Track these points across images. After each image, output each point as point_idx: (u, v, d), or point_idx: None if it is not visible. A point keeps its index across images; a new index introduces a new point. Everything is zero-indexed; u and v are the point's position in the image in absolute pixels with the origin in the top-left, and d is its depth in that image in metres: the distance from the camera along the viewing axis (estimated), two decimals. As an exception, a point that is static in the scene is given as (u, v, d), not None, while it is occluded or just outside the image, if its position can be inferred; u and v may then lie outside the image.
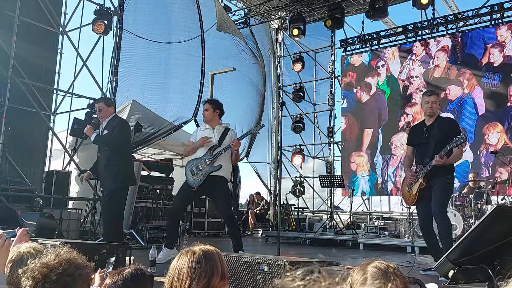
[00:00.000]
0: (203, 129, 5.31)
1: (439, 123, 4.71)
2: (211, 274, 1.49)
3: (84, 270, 1.47)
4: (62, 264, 1.41)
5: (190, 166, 5.17)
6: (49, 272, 1.39)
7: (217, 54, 11.24)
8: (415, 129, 5.08)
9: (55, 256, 1.43)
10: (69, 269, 1.42)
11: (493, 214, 2.05)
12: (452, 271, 2.13)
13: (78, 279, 1.43)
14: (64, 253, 1.47)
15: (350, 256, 6.81)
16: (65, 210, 7.72)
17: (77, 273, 1.43)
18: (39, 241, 3.10)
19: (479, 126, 9.81)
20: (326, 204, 12.92)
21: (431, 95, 4.84)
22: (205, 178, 5.05)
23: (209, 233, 10.23)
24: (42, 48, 8.94)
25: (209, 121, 5.30)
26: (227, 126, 5.34)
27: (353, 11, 12.26)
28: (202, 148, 5.15)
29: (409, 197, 4.82)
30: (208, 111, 5.27)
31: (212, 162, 5.04)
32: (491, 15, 10.05)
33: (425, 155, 4.61)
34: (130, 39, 9.28)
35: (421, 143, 4.76)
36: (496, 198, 8.05)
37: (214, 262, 1.52)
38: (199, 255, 1.51)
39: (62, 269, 1.41)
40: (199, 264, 1.48)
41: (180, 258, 1.53)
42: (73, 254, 1.49)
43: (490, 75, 9.83)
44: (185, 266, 1.49)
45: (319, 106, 13.82)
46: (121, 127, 5.30)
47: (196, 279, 1.45)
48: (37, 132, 8.97)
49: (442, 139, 4.49)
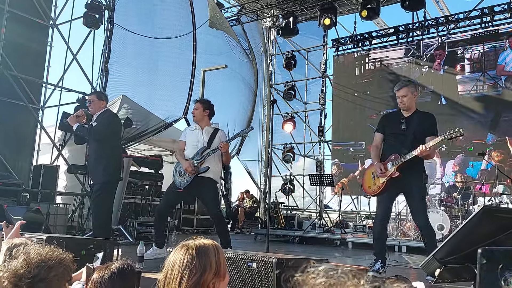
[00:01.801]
0: (193, 129, 5.27)
1: (419, 117, 4.49)
2: (202, 270, 1.47)
3: (59, 268, 1.38)
4: (31, 270, 1.31)
5: (179, 167, 5.16)
6: (18, 281, 1.29)
7: (208, 51, 11.21)
8: (389, 118, 4.78)
9: (23, 261, 1.32)
10: (40, 273, 1.32)
11: (480, 214, 2.07)
12: (439, 270, 2.14)
13: (52, 280, 1.35)
14: (34, 254, 1.35)
15: (338, 254, 6.84)
16: (52, 204, 7.65)
17: (51, 275, 1.34)
18: (25, 235, 3.07)
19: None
20: (316, 202, 12.96)
21: (400, 89, 4.51)
22: (192, 179, 5.02)
23: (198, 230, 10.19)
24: (31, 40, 8.84)
25: (199, 121, 5.24)
26: (217, 127, 5.30)
27: (345, 11, 12.30)
28: (191, 149, 5.12)
29: (373, 186, 4.50)
30: (198, 110, 5.22)
31: (200, 164, 5.01)
32: (481, 18, 10.15)
33: (402, 146, 4.37)
34: (121, 34, 9.21)
35: (396, 133, 4.49)
36: (483, 199, 8.14)
37: (207, 258, 1.51)
38: (192, 252, 1.50)
39: (32, 276, 1.30)
40: (191, 260, 1.47)
41: (175, 254, 1.52)
42: (44, 252, 1.38)
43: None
44: (177, 262, 1.48)
45: (310, 105, 13.85)
46: (108, 120, 5.28)
47: (186, 276, 1.45)
48: (25, 126, 8.87)
49: (421, 133, 4.34)
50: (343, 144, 11.85)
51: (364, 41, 11.95)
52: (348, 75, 12.07)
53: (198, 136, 5.16)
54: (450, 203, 7.76)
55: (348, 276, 0.64)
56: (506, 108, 9.51)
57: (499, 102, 9.63)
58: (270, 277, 2.38)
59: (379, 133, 4.66)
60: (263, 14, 12.82)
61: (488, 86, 9.87)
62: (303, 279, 0.65)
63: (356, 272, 0.65)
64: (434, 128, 4.42)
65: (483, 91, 9.93)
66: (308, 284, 0.64)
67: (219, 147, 4.99)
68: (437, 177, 9.84)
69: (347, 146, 11.77)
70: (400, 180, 4.30)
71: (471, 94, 10.05)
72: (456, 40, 10.46)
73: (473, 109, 9.92)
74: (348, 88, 11.96)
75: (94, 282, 1.68)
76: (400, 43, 11.32)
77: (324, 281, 0.63)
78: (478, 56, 10.09)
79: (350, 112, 11.88)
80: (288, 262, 2.43)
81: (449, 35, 10.58)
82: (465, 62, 10.26)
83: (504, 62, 9.68)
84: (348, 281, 0.63)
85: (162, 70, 10.23)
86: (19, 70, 8.04)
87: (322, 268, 0.66)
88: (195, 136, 5.18)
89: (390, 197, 4.47)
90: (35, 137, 9.12)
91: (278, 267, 2.37)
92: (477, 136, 9.74)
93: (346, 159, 11.75)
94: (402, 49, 11.29)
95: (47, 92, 9.41)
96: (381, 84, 11.47)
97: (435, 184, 9.59)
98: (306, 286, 0.64)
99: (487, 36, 10.04)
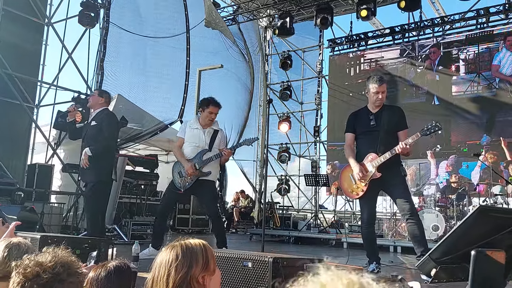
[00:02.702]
0: (194, 128, 5.14)
1: (387, 111, 4.42)
2: (189, 265, 1.49)
3: (76, 278, 1.40)
4: (56, 267, 1.34)
5: (178, 168, 5.05)
6: (41, 272, 1.31)
7: (204, 51, 11.18)
8: (358, 116, 4.64)
9: (52, 257, 1.36)
10: (62, 274, 1.34)
11: (476, 214, 2.07)
12: (435, 269, 2.14)
13: (68, 286, 1.35)
14: (61, 255, 1.39)
15: (333, 254, 6.84)
16: (47, 204, 7.62)
17: (68, 281, 1.36)
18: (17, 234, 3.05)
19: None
20: (311, 203, 12.97)
21: (382, 85, 4.40)
22: (193, 182, 4.97)
23: (193, 230, 10.17)
24: (26, 39, 8.80)
25: (207, 122, 5.13)
26: (217, 128, 5.21)
27: (341, 11, 12.31)
28: (191, 149, 5.03)
29: (356, 189, 4.36)
30: (216, 114, 5.14)
31: (201, 167, 4.94)
32: (477, 19, 10.19)
33: (375, 142, 4.27)
34: (117, 33, 9.18)
35: (367, 130, 4.41)
36: (478, 200, 8.18)
37: (194, 254, 1.52)
38: (177, 250, 1.52)
39: (54, 272, 1.33)
40: (176, 257, 1.49)
41: (162, 254, 1.55)
42: (71, 258, 1.42)
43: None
44: (163, 261, 1.51)
45: (306, 105, 13.86)
46: (108, 121, 5.28)
47: (172, 272, 1.47)
48: (20, 125, 8.82)
49: (392, 127, 4.30)
50: (338, 144, 11.86)
51: (360, 42, 11.97)
52: (344, 75, 12.09)
53: (200, 136, 5.08)
54: (445, 203, 7.79)
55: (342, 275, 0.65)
56: (501, 109, 9.55)
57: (494, 103, 9.66)
58: (265, 276, 2.37)
59: (350, 133, 4.57)
60: (259, 14, 12.81)
61: (482, 87, 9.90)
62: (324, 282, 0.66)
63: (354, 269, 0.66)
64: (404, 121, 4.40)
65: (477, 92, 9.96)
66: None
67: (223, 153, 4.96)
68: (431, 178, 9.87)
69: (341, 147, 11.77)
70: (380, 180, 4.25)
71: (465, 95, 10.08)
72: (451, 41, 10.50)
73: (468, 110, 9.95)
74: (344, 89, 11.98)
75: (91, 280, 1.67)
76: (396, 44, 11.35)
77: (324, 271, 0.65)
78: (473, 57, 10.13)
79: (346, 112, 11.81)
80: (284, 261, 2.43)
81: (444, 36, 10.62)
82: (460, 63, 10.30)
83: (500, 62, 9.71)
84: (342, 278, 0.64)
85: (157, 72, 10.20)
86: (14, 68, 8.00)
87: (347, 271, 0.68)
88: (196, 136, 5.09)
89: (373, 197, 4.41)
90: (29, 136, 9.08)
91: (273, 267, 2.36)
92: (471, 137, 9.77)
93: (341, 160, 11.76)
94: (397, 50, 11.32)
95: (42, 90, 9.38)
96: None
97: (430, 184, 9.62)
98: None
99: (482, 37, 10.08)
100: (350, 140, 4.55)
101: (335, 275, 0.63)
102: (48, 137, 8.48)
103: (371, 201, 4.40)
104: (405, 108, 5.51)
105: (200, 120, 5.16)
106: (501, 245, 2.12)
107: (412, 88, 10.58)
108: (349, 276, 0.63)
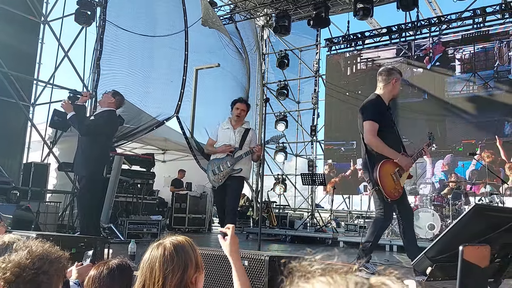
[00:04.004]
0: (225, 128, 5.37)
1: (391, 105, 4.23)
2: (184, 267, 1.44)
3: (59, 263, 1.40)
4: (35, 262, 1.32)
5: (212, 166, 5.26)
6: (22, 272, 1.30)
7: (201, 49, 11.16)
8: (382, 106, 4.20)
9: (27, 254, 1.33)
10: (44, 266, 1.33)
11: (471, 213, 2.08)
12: (430, 268, 2.15)
13: (53, 274, 1.36)
14: (36, 248, 1.37)
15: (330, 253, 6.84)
16: (42, 203, 7.59)
17: (52, 269, 1.36)
18: (13, 232, 3.04)
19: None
20: (307, 202, 12.98)
21: (400, 73, 4.29)
22: (226, 179, 5.17)
23: (190, 229, 10.18)
24: (22, 37, 8.76)
25: (236, 122, 5.33)
26: (248, 127, 5.42)
27: (338, 10, 12.31)
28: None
29: (398, 189, 4.00)
30: (245, 111, 5.38)
31: (233, 165, 5.13)
32: (473, 19, 10.22)
33: (399, 142, 4.10)
34: (114, 31, 9.14)
35: (390, 126, 4.14)
36: (473, 199, 8.21)
37: (187, 254, 1.47)
38: (170, 249, 1.45)
39: (36, 268, 1.31)
40: (171, 259, 1.43)
41: (151, 254, 1.47)
42: (45, 247, 1.40)
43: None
44: (156, 263, 1.43)
45: (302, 104, 13.86)
46: (106, 119, 5.32)
47: (169, 275, 1.41)
48: (15, 123, 8.79)
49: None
50: (335, 144, 11.89)
51: (357, 41, 11.98)
52: (340, 75, 12.10)
53: (230, 136, 5.26)
54: (441, 202, 7.81)
55: (343, 263, 0.65)
56: (496, 109, 9.58)
57: (489, 103, 9.70)
58: (262, 275, 2.38)
59: (376, 123, 4.00)
60: (256, 12, 12.80)
61: (478, 86, 9.93)
62: (298, 266, 0.66)
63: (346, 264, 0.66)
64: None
65: (473, 91, 10.00)
66: (303, 270, 0.65)
67: (254, 150, 5.13)
68: (427, 177, 9.91)
69: (338, 146, 11.81)
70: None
71: (461, 94, 10.11)
72: (447, 41, 10.53)
73: (463, 110, 9.98)
74: (340, 88, 12.00)
75: (93, 277, 1.67)
76: (392, 43, 11.37)
77: (319, 267, 0.64)
78: (468, 56, 10.16)
79: (342, 111, 11.92)
80: (280, 260, 2.43)
81: (440, 36, 10.64)
82: (455, 63, 10.33)
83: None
84: (343, 267, 0.64)
85: (154, 68, 10.16)
86: (9, 66, 7.96)
87: (318, 257, 0.67)
88: (226, 136, 5.28)
89: (406, 199, 4.20)
90: (25, 135, 9.05)
91: (270, 266, 2.37)
92: (467, 136, 9.81)
93: (338, 159, 11.79)
94: (394, 49, 11.35)
95: (38, 89, 9.34)
96: (372, 84, 11.46)
97: (426, 184, 9.65)
98: (300, 272, 0.65)
99: (477, 37, 10.12)
100: (376, 130, 3.98)
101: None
102: (44, 135, 8.45)
103: (404, 201, 4.16)
104: (401, 107, 5.54)
105: (231, 120, 5.39)
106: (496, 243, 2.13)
107: (408, 88, 10.60)
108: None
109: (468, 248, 1.84)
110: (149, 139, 10.09)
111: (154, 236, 7.42)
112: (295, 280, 0.64)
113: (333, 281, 0.59)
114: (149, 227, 7.51)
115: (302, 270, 0.65)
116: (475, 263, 1.83)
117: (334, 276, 0.60)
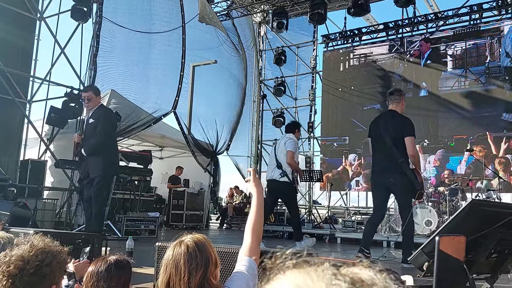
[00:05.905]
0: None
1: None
2: (206, 263, 1.51)
3: (60, 257, 1.44)
4: (38, 255, 1.36)
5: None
6: (25, 265, 1.32)
7: (198, 46, 11.12)
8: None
9: (30, 247, 1.37)
10: (46, 259, 1.37)
11: (468, 208, 2.09)
12: (427, 263, 2.16)
13: (55, 267, 1.39)
14: (37, 242, 1.41)
15: (327, 250, 6.87)
16: (40, 200, 7.58)
17: (55, 262, 1.39)
18: (11, 230, 3.03)
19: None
20: (305, 198, 12.99)
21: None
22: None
23: (187, 226, 10.18)
24: (18, 34, 8.72)
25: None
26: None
27: (335, 7, 12.29)
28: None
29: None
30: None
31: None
32: (470, 15, 10.23)
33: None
34: (110, 27, 9.10)
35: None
36: (470, 195, 8.24)
37: (207, 251, 1.55)
38: (193, 247, 1.53)
39: (39, 260, 1.35)
40: (195, 255, 1.51)
41: (175, 251, 1.54)
42: (46, 241, 1.44)
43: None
44: (181, 260, 1.50)
45: (300, 101, 13.85)
46: (106, 115, 5.35)
47: (194, 271, 1.48)
48: (12, 120, 8.76)
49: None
50: (328, 139, 11.94)
51: (354, 37, 11.97)
52: (337, 71, 12.11)
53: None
54: (438, 198, 7.83)
55: (316, 257, 0.65)
56: (487, 104, 9.63)
57: (481, 98, 9.74)
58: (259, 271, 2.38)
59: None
60: (253, 9, 12.77)
61: (470, 82, 9.97)
62: (272, 264, 0.67)
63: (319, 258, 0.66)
64: None
65: (465, 87, 10.03)
66: (277, 267, 0.65)
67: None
68: (422, 173, 9.95)
69: (331, 141, 11.85)
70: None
71: (453, 90, 10.15)
72: (439, 37, 10.55)
73: (455, 105, 10.02)
74: (337, 84, 12.01)
75: (91, 272, 1.67)
76: (389, 40, 11.37)
77: (292, 262, 0.64)
78: (460, 52, 10.19)
79: (337, 107, 11.94)
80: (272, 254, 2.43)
81: (427, 33, 10.69)
82: (447, 59, 10.36)
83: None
84: (316, 259, 0.64)
85: (151, 64, 10.11)
86: (5, 63, 7.92)
87: (289, 251, 0.67)
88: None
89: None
90: (22, 132, 9.01)
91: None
92: (459, 132, 9.84)
93: (330, 154, 11.82)
94: (386, 45, 11.36)
95: (34, 86, 9.31)
96: (365, 80, 11.54)
97: (423, 180, 9.68)
98: (275, 270, 0.65)
99: (469, 33, 10.14)
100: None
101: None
102: (41, 132, 8.42)
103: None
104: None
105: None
106: (493, 238, 2.14)
107: (400, 83, 10.62)
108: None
109: (444, 238, 1.86)
110: (146, 135, 10.06)
111: (152, 233, 7.42)
112: (271, 277, 0.64)
113: (306, 274, 0.59)
114: (147, 224, 7.50)
115: (276, 267, 0.66)
116: (451, 254, 1.84)
117: (307, 269, 0.60)
